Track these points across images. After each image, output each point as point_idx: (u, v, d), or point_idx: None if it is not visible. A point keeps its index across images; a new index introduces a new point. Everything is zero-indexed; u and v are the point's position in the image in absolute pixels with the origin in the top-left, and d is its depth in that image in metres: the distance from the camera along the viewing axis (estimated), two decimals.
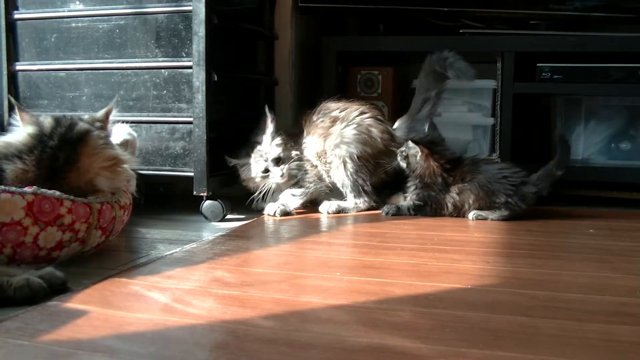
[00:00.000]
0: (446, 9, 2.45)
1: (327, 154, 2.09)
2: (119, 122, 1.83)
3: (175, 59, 1.96)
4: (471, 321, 1.08)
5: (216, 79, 1.94)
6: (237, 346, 0.95)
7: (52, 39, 2.06)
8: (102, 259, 1.49)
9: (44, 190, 1.36)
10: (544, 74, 2.29)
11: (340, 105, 2.14)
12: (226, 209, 1.97)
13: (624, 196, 1.98)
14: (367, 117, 2.12)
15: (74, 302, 1.14)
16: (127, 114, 1.97)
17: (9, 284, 1.13)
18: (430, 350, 0.94)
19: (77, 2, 2.03)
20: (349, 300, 1.17)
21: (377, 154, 2.09)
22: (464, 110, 2.49)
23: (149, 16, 1.98)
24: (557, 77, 2.29)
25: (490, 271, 1.40)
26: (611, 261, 1.53)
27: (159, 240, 1.71)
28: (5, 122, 2.10)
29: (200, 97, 1.91)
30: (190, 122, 1.94)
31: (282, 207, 2.01)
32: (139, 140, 1.96)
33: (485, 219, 1.96)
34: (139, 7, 1.99)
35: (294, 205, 2.06)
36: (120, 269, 1.37)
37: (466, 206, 1.98)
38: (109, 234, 1.53)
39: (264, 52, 2.38)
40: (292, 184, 2.10)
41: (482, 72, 2.52)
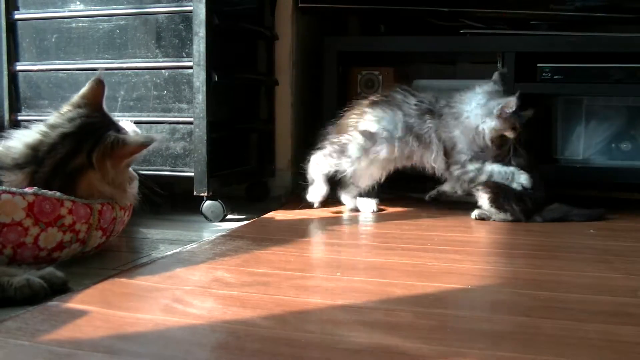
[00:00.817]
0: (447, 9, 2.45)
1: None
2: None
3: (175, 59, 1.97)
4: (472, 321, 1.08)
5: (216, 79, 1.94)
6: (237, 346, 0.95)
7: (53, 39, 2.06)
8: (103, 259, 1.49)
9: (44, 190, 1.36)
10: (544, 74, 2.29)
11: None
12: (227, 209, 1.97)
13: (624, 196, 1.98)
14: None
15: (75, 302, 1.13)
16: (128, 114, 1.97)
17: (9, 284, 1.13)
18: (430, 350, 0.94)
19: (78, 3, 2.03)
20: (350, 300, 1.17)
21: None
22: None
23: (150, 16, 1.98)
24: (557, 77, 2.29)
25: (491, 271, 1.40)
26: (611, 261, 1.53)
27: (160, 240, 1.72)
28: (5, 122, 2.11)
29: (200, 97, 1.92)
30: (190, 123, 1.94)
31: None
32: None
33: (487, 219, 1.96)
34: (139, 8, 1.99)
35: None
36: (120, 269, 1.37)
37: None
38: (110, 234, 1.53)
39: (265, 52, 2.38)
40: None
41: (481, 73, 2.52)
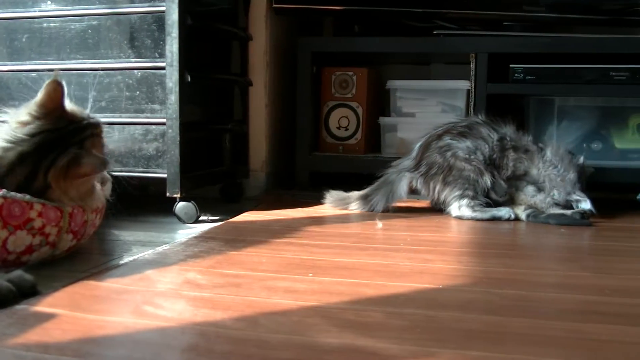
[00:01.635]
0: (420, 10, 2.46)
1: None
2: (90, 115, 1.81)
3: (148, 60, 1.95)
4: (443, 321, 1.08)
5: (189, 79, 1.93)
6: (207, 348, 0.95)
7: (24, 39, 2.04)
8: (73, 261, 1.48)
9: (13, 193, 1.34)
10: (517, 75, 2.30)
11: None
12: (200, 211, 1.96)
13: (593, 196, 2.00)
14: None
15: (43, 306, 1.12)
16: (100, 115, 1.94)
17: None
18: (401, 350, 0.94)
19: (49, 2, 2.01)
20: (321, 301, 1.17)
21: None
22: (438, 110, 2.51)
23: (122, 17, 1.96)
24: (529, 77, 2.30)
25: (462, 271, 1.41)
26: (581, 260, 1.54)
27: (132, 242, 1.70)
28: None
29: (173, 98, 1.91)
30: (163, 124, 1.93)
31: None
32: (112, 142, 1.95)
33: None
34: (111, 8, 1.97)
35: None
36: (91, 272, 1.36)
37: None
38: (81, 237, 1.51)
39: (239, 53, 2.37)
40: None
41: (455, 73, 2.54)
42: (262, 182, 2.46)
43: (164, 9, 1.90)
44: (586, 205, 1.96)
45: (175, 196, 1.94)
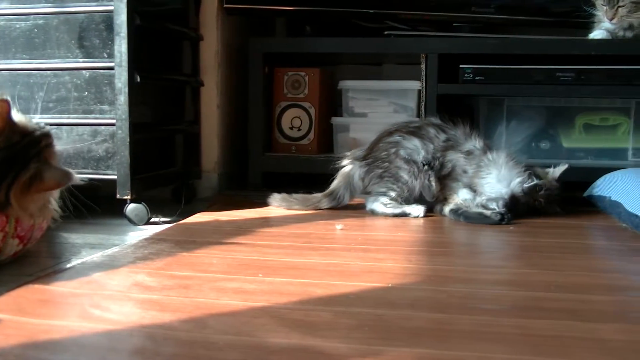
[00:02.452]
0: (372, 10, 2.48)
1: None
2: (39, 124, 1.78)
3: (96, 60, 1.93)
4: (391, 319, 1.09)
5: (139, 80, 1.91)
6: (154, 351, 0.94)
7: None
8: (20, 265, 1.45)
9: None
10: (466, 75, 2.34)
11: None
12: (151, 212, 1.95)
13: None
14: None
15: None
16: (47, 116, 1.93)
17: None
18: (348, 349, 0.95)
19: None
20: (270, 301, 1.17)
21: None
22: (390, 110, 2.53)
23: (70, 16, 1.93)
24: (479, 78, 2.34)
25: (411, 270, 1.42)
26: (529, 257, 1.57)
27: (81, 245, 1.68)
28: None
29: (122, 99, 1.88)
30: (113, 124, 1.91)
31: None
32: (60, 143, 1.91)
33: None
34: (59, 7, 1.93)
35: None
36: (37, 276, 1.34)
37: None
38: (27, 242, 1.48)
39: (190, 53, 2.35)
40: None
41: (407, 74, 2.57)
42: (214, 183, 2.45)
43: (112, 8, 1.87)
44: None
45: (125, 198, 1.91)
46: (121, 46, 1.87)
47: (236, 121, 2.60)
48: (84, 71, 1.93)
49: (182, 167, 2.32)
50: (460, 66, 2.34)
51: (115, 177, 1.91)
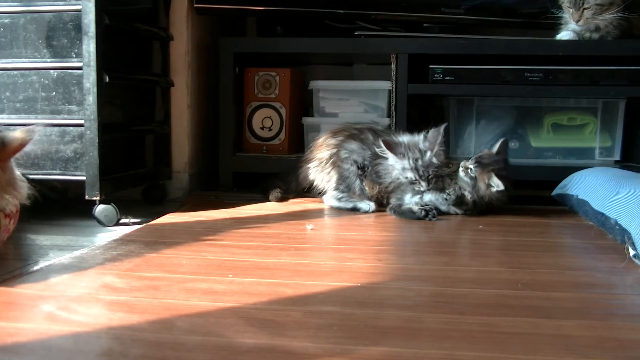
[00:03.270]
0: (342, 11, 2.49)
1: None
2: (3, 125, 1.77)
3: (64, 60, 1.91)
4: (359, 318, 1.10)
5: (108, 80, 1.90)
6: (121, 352, 0.94)
7: None
8: None
9: None
10: (436, 76, 2.35)
11: None
12: (120, 213, 1.93)
13: (515, 193, 2.07)
14: None
15: None
16: (14, 117, 1.91)
17: None
18: (317, 348, 0.95)
19: None
20: (240, 302, 1.17)
21: None
22: (360, 110, 2.54)
23: (37, 15, 1.91)
24: (449, 78, 2.36)
25: (381, 269, 1.43)
26: (497, 256, 1.59)
27: (49, 246, 1.66)
28: None
29: (91, 99, 1.87)
30: (81, 125, 1.89)
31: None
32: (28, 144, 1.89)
33: None
34: (26, 5, 1.91)
35: None
36: (3, 278, 1.32)
37: None
38: None
39: (160, 53, 2.34)
40: None
41: (377, 74, 2.58)
42: (185, 184, 2.44)
43: (80, 7, 1.86)
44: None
45: (94, 199, 1.90)
46: (89, 46, 1.86)
47: (207, 121, 2.59)
48: (52, 71, 1.92)
49: (152, 167, 2.31)
50: (430, 66, 2.35)
51: (84, 178, 1.90)
